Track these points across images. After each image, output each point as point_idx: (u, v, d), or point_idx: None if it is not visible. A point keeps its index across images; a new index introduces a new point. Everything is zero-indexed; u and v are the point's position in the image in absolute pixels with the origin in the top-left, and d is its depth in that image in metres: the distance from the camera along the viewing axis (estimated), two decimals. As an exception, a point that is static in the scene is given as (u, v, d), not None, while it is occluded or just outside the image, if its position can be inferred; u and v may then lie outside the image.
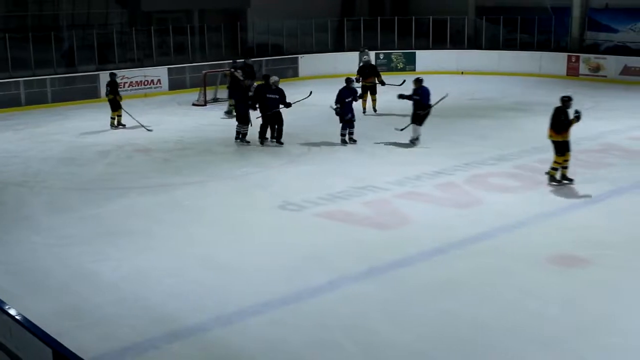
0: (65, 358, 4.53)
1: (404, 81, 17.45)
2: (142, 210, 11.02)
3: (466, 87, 22.95)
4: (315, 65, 26.13)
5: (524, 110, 19.04)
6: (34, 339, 4.78)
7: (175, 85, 23.42)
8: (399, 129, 15.03)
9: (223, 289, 8.05)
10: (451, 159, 13.64)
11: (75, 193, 12.07)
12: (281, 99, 14.87)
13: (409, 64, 26.76)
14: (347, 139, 15.06)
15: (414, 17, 27.28)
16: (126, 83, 21.78)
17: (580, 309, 7.53)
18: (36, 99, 20.88)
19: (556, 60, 25.18)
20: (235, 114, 16.06)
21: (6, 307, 5.22)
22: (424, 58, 26.60)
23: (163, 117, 18.69)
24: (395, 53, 27.06)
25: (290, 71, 25.65)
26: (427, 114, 14.72)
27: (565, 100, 11.54)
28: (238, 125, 15.52)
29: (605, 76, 23.94)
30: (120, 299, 7.84)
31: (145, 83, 22.82)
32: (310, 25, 26.77)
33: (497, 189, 11.75)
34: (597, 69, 24.25)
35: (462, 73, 26.12)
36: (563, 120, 11.41)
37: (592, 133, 15.32)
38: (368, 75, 18.59)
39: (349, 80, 15.23)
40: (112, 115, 17.49)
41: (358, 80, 18.00)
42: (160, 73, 23.27)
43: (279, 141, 15.06)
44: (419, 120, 14.70)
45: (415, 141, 14.81)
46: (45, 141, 16.30)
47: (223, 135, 16.28)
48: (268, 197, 11.56)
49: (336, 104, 14.87)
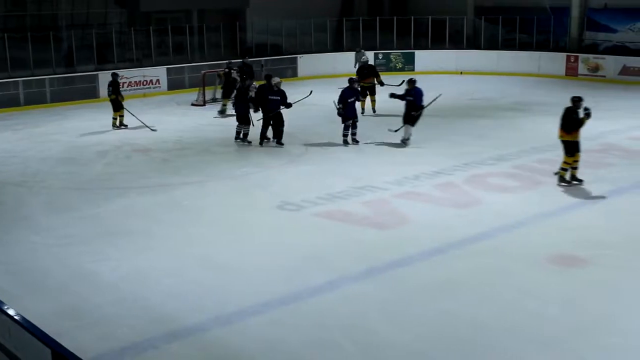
0: (64, 358, 4.52)
1: (402, 82, 17.38)
2: (141, 210, 11.02)
3: (465, 87, 22.97)
4: (314, 65, 26.11)
5: (523, 110, 19.06)
6: (33, 339, 4.77)
7: (174, 85, 23.40)
8: (393, 130, 15.01)
9: (222, 289, 8.05)
10: (450, 159, 13.64)
11: (75, 193, 12.07)
12: (282, 100, 14.86)
13: (408, 64, 26.76)
14: (350, 140, 15.04)
15: (413, 17, 27.27)
16: (125, 83, 21.72)
17: (580, 309, 7.53)
18: (35, 99, 20.86)
19: (555, 60, 25.18)
20: (227, 114, 16.04)
21: (5, 307, 5.21)
22: (423, 58, 26.61)
23: (162, 117, 18.67)
24: (394, 53, 27.06)
25: (289, 71, 25.63)
26: (420, 115, 14.73)
27: (576, 101, 11.52)
28: (238, 126, 15.51)
29: (604, 76, 23.93)
30: (120, 299, 7.84)
31: (144, 83, 22.81)
32: (309, 25, 26.76)
33: (496, 189, 11.75)
34: (596, 69, 24.26)
35: (461, 73, 26.11)
36: (575, 119, 11.40)
37: (592, 133, 15.24)
38: (367, 76, 18.57)
39: (352, 81, 15.23)
40: (114, 115, 17.44)
41: (357, 82, 17.96)
42: (159, 73, 23.26)
43: (279, 142, 15.05)
44: (412, 120, 14.71)
45: (406, 141, 14.81)
46: (44, 141, 16.29)
47: (222, 135, 16.28)
48: (267, 197, 11.55)
49: (339, 104, 14.85)
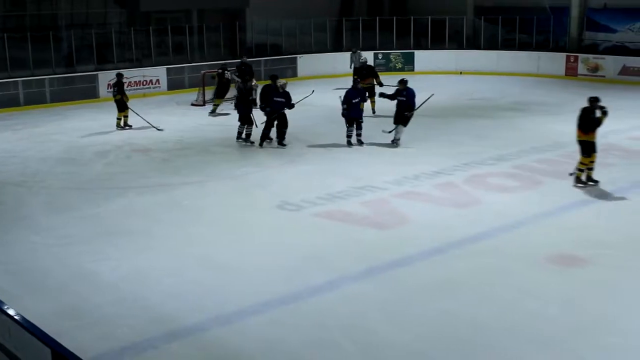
0: (64, 358, 4.53)
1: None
2: (141, 210, 11.02)
3: (465, 87, 22.97)
4: (314, 65, 26.09)
5: (522, 110, 19.06)
6: (33, 339, 4.77)
7: (174, 85, 23.37)
8: (386, 131, 14.98)
9: (222, 288, 8.05)
10: (450, 159, 13.65)
11: (74, 193, 12.07)
12: (287, 102, 14.85)
13: (408, 64, 26.75)
14: (355, 141, 14.95)
15: (412, 17, 27.26)
16: (125, 83, 21.61)
17: (580, 308, 7.53)
18: (35, 99, 20.83)
19: (555, 60, 25.17)
20: (217, 113, 16.08)
21: (5, 307, 5.21)
22: (423, 58, 26.60)
23: (162, 117, 18.65)
24: (394, 53, 27.04)
25: (289, 71, 25.62)
26: (412, 115, 14.73)
27: (593, 101, 11.49)
28: (240, 126, 15.49)
29: (603, 76, 23.93)
30: (120, 299, 7.85)
31: (144, 83, 22.78)
32: (309, 25, 26.75)
33: (496, 189, 11.76)
34: (596, 69, 24.25)
35: (461, 73, 26.10)
36: (592, 119, 11.35)
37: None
38: (366, 77, 18.52)
39: (357, 81, 15.21)
40: (119, 115, 17.38)
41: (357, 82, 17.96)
42: (159, 73, 23.23)
43: (281, 143, 15.03)
44: (404, 121, 14.71)
45: (397, 142, 14.80)
46: (44, 141, 16.28)
47: (222, 135, 16.27)
48: (267, 197, 11.55)
49: (343, 104, 14.83)
